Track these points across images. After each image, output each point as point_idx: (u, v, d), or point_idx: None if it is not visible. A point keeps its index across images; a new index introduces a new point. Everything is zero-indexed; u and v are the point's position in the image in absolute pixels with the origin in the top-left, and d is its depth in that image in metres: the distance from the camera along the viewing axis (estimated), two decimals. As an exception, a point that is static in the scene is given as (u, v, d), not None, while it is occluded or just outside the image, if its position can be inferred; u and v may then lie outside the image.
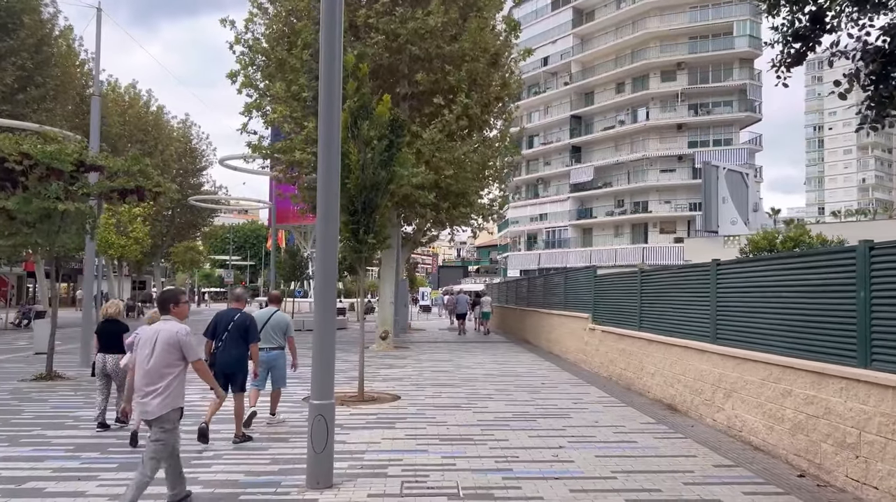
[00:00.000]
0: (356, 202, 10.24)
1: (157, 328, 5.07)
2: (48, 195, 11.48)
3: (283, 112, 17.40)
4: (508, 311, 27.88)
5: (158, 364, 4.94)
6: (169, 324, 5.09)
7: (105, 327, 8.48)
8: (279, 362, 8.42)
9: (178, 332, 5.02)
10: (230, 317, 7.62)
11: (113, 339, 8.32)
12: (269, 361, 8.29)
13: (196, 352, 5.10)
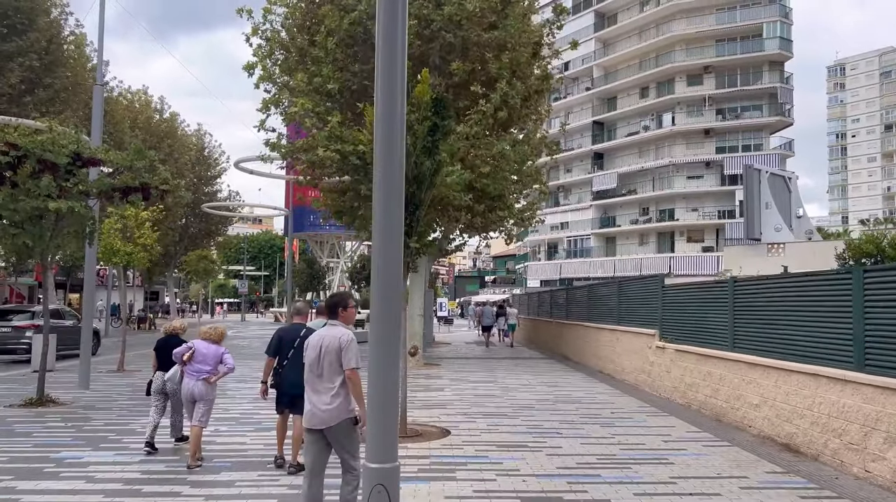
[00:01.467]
0: (398, 198, 8.55)
1: (322, 333, 4.98)
2: (38, 192, 9.87)
3: (304, 105, 15.78)
4: (540, 324, 26.08)
5: (326, 370, 4.85)
6: (335, 330, 4.95)
7: (166, 343, 7.97)
8: None
9: (340, 338, 4.87)
10: (295, 334, 6.89)
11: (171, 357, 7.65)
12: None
13: (354, 360, 4.82)
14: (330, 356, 4.83)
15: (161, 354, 7.97)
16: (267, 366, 7.05)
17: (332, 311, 5.11)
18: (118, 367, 16.34)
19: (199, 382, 7.11)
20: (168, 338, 8.12)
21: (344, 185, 18.63)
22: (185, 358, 7.14)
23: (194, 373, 7.09)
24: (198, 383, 7.10)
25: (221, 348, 7.34)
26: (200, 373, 7.09)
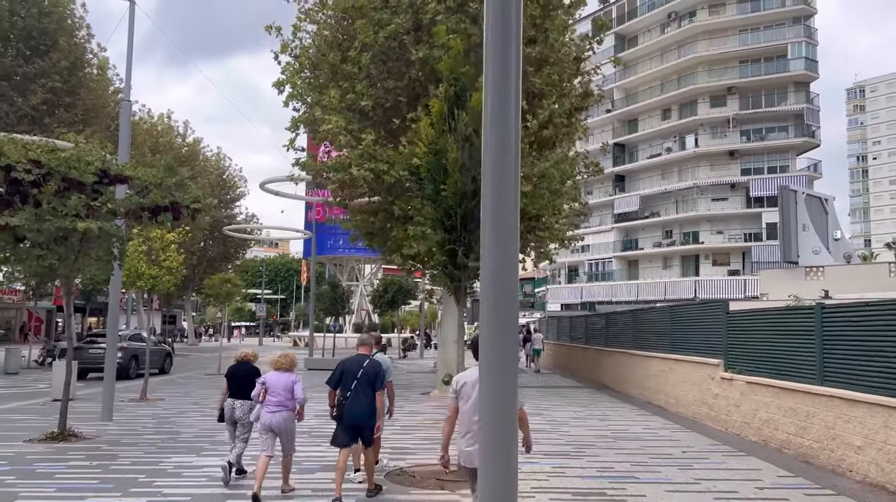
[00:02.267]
0: (454, 215, 7.80)
1: (474, 372, 4.80)
2: (65, 211, 9.21)
3: (338, 123, 15.17)
4: (573, 350, 25.12)
5: None
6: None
7: (237, 370, 7.91)
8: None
9: None
10: (358, 365, 6.86)
11: (245, 384, 7.62)
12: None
13: (522, 399, 4.54)
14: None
15: (232, 381, 7.87)
16: (329, 398, 6.95)
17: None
18: (141, 396, 15.59)
19: (277, 415, 6.98)
20: (239, 364, 8.03)
21: (375, 206, 17.97)
22: (262, 398, 7.08)
23: (271, 405, 7.02)
24: (275, 416, 6.98)
25: (293, 376, 7.22)
26: (277, 404, 7.01)
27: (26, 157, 9.08)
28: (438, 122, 7.77)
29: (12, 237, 9.11)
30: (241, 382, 7.69)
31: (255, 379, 7.48)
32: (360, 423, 6.76)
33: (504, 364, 3.39)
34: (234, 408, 7.71)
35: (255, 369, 7.85)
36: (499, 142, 3.50)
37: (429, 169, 7.80)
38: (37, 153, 9.15)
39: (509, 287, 3.49)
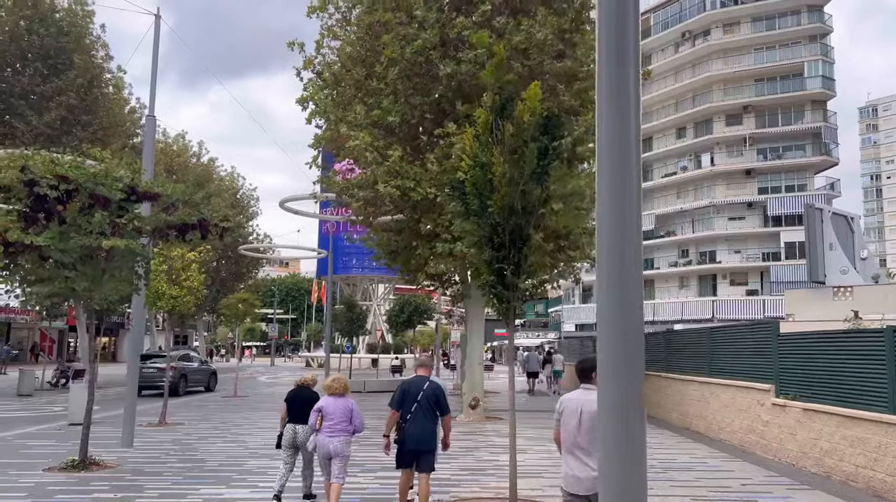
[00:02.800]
0: (501, 231, 7.34)
1: (580, 398, 4.87)
2: (90, 229, 8.83)
3: (365, 139, 14.81)
4: (597, 372, 24.48)
5: (590, 435, 4.67)
6: (593, 395, 4.67)
7: (298, 395, 7.89)
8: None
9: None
10: (419, 387, 6.84)
11: (307, 409, 7.51)
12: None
13: None
14: (592, 422, 4.63)
15: (292, 406, 7.81)
16: (390, 420, 6.84)
17: (586, 375, 5.01)
18: (160, 420, 15.12)
19: (335, 439, 6.96)
20: (299, 389, 8.01)
21: (399, 224, 17.57)
22: (318, 425, 7.06)
23: (328, 429, 7.00)
24: (332, 440, 6.96)
25: (350, 400, 7.25)
26: (333, 429, 6.99)
27: (53, 173, 8.72)
28: (484, 133, 7.35)
29: (38, 256, 8.72)
30: (303, 407, 7.61)
31: (313, 404, 7.40)
32: (419, 447, 6.69)
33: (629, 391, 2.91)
34: (296, 434, 7.67)
35: (315, 394, 7.83)
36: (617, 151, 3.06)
37: (474, 183, 7.37)
38: (64, 168, 8.79)
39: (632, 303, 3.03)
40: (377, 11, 15.91)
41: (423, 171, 15.30)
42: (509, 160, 7.29)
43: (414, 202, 15.66)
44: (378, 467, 9.70)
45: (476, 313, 17.59)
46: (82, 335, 37.73)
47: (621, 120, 3.08)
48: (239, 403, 20.85)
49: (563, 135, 7.57)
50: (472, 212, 7.49)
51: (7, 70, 27.70)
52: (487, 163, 7.23)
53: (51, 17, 27.82)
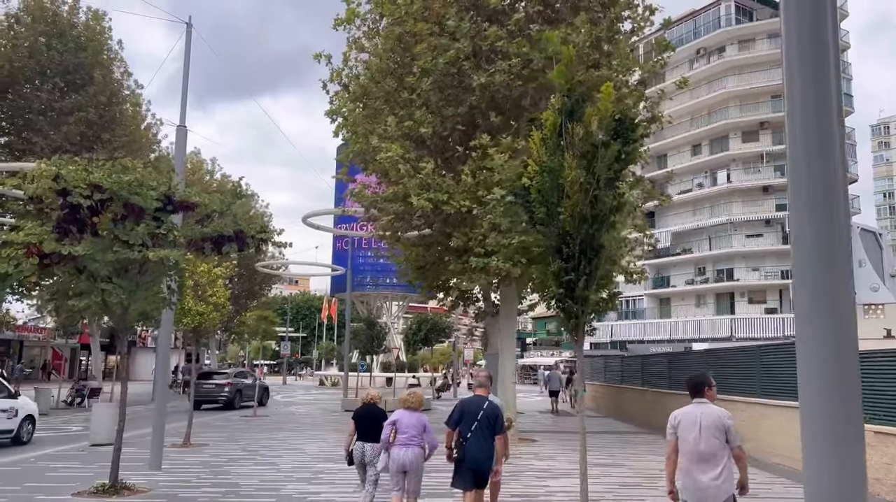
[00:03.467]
0: (571, 241, 6.86)
1: (697, 411, 5.13)
2: (132, 241, 8.41)
3: (396, 151, 14.42)
4: (623, 391, 23.86)
5: (710, 448, 4.95)
6: (710, 408, 5.15)
7: (366, 412, 7.88)
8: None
9: (721, 416, 5.09)
10: (478, 406, 6.79)
11: (374, 426, 7.57)
12: None
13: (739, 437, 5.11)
14: (711, 434, 4.96)
15: (361, 423, 7.79)
16: (448, 439, 6.78)
17: (699, 390, 5.35)
18: (184, 441, 14.60)
19: (409, 451, 7.00)
20: (366, 406, 8.00)
21: (429, 239, 17.13)
22: (392, 439, 7.08)
23: (401, 443, 7.04)
24: (407, 452, 6.99)
25: (423, 416, 7.33)
26: (407, 443, 7.03)
27: (86, 181, 8.31)
28: (551, 136, 6.92)
29: (74, 268, 8.29)
30: (371, 425, 7.64)
31: (382, 421, 7.41)
32: (480, 467, 6.67)
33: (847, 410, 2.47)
34: (364, 452, 7.67)
35: (382, 411, 7.82)
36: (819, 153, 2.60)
37: (539, 190, 6.92)
38: (98, 176, 8.38)
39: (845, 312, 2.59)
40: (407, 22, 15.60)
41: (456, 184, 14.90)
42: (580, 165, 6.84)
43: (445, 216, 15.25)
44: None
45: (507, 330, 17.07)
46: (96, 354, 37.39)
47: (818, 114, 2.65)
48: (260, 423, 20.33)
49: (637, 139, 7.12)
50: (538, 220, 7.02)
51: (26, 86, 27.58)
52: (557, 167, 6.77)
53: (69, 33, 27.73)
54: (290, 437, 16.54)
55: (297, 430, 18.37)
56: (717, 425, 5.01)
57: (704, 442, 4.97)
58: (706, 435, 4.97)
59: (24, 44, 26.71)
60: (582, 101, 7.05)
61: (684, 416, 5.16)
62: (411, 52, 15.90)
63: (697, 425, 5.02)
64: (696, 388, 5.33)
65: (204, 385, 24.39)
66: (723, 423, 5.04)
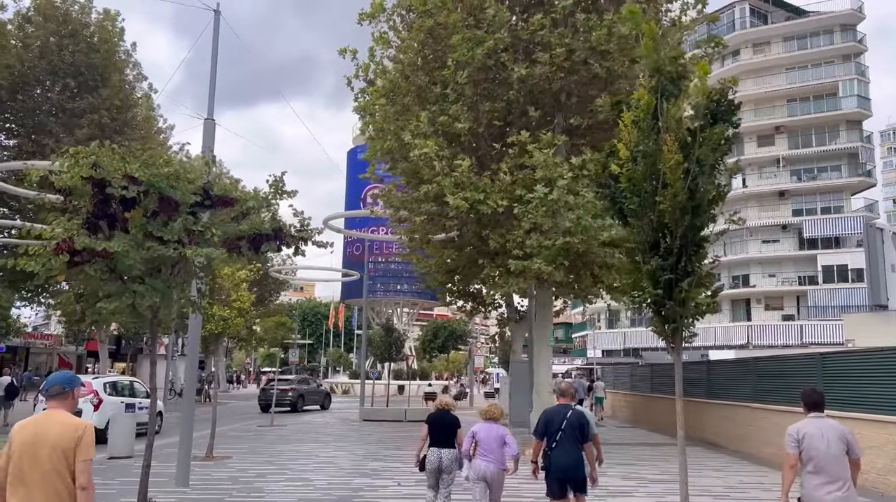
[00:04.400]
0: (670, 235, 6.11)
1: (820, 425, 5.27)
2: (167, 237, 7.66)
3: (432, 148, 13.70)
4: (651, 400, 23.05)
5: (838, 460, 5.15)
6: (830, 422, 5.34)
7: (441, 419, 7.74)
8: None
9: (842, 429, 5.31)
10: (562, 415, 6.81)
11: (449, 433, 7.62)
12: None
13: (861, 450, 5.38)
14: (838, 447, 5.14)
15: (436, 430, 7.70)
16: (535, 449, 6.93)
17: (819, 405, 5.48)
18: (207, 453, 13.83)
19: (491, 465, 7.00)
20: (440, 413, 7.86)
21: (462, 241, 16.39)
22: (473, 451, 7.11)
23: (484, 454, 7.04)
24: (489, 466, 7.00)
25: (503, 428, 7.30)
26: (489, 454, 7.03)
27: (122, 172, 7.58)
28: (645, 118, 6.18)
29: (106, 268, 7.53)
30: (446, 432, 7.60)
31: (456, 428, 7.55)
32: (567, 475, 6.68)
33: None
34: (440, 458, 7.56)
35: (455, 418, 7.73)
36: None
37: (631, 178, 6.18)
38: (134, 167, 7.64)
39: None
40: (439, 14, 14.91)
41: (492, 183, 14.17)
42: (680, 149, 6.09)
43: (480, 216, 14.51)
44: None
45: (541, 335, 16.28)
46: (104, 360, 36.64)
47: None
48: (279, 433, 19.54)
49: (737, 123, 6.39)
50: (632, 212, 6.26)
51: (36, 87, 26.95)
52: (654, 152, 6.02)
53: (81, 33, 27.10)
54: (316, 449, 15.75)
55: (321, 441, 17.58)
56: (841, 438, 5.21)
57: (833, 455, 5.14)
58: (834, 449, 5.15)
59: (34, 44, 26.08)
60: (677, 79, 6.28)
61: (809, 430, 5.26)
62: (444, 44, 15.21)
63: (825, 439, 5.17)
64: (817, 404, 5.48)
65: (271, 390, 26.68)
66: (846, 436, 5.24)
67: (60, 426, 3.77)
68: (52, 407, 3.93)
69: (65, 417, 3.86)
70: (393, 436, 18.73)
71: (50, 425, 3.77)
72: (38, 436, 3.72)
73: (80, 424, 3.84)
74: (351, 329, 79.99)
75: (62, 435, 3.72)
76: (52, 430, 3.74)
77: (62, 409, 3.93)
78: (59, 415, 3.86)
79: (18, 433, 3.80)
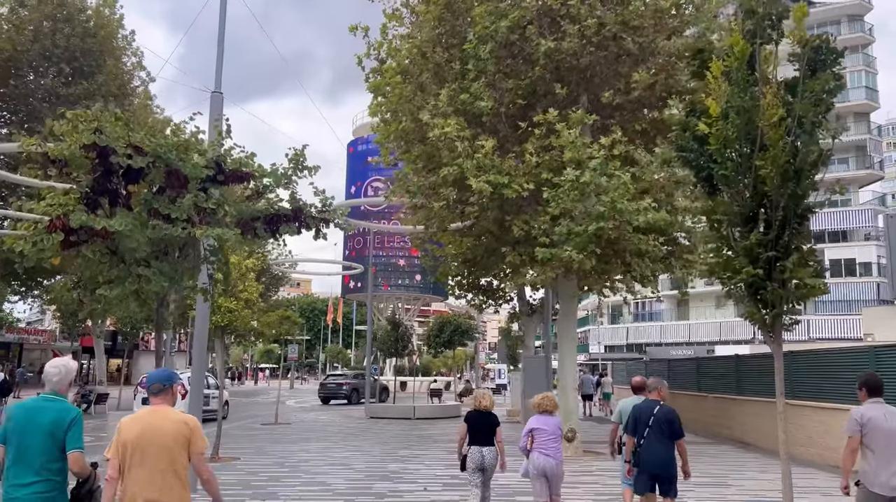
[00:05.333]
0: (771, 205, 5.22)
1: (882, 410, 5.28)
2: (175, 215, 6.74)
3: (454, 127, 12.78)
4: (675, 398, 22.17)
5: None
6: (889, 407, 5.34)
7: (481, 417, 7.53)
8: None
9: None
10: (649, 411, 6.64)
11: (489, 430, 7.44)
12: None
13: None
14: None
15: (474, 427, 7.47)
16: (628, 445, 6.82)
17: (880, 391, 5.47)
18: (213, 454, 12.91)
19: (552, 459, 6.93)
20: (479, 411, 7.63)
21: (480, 229, 15.49)
22: (529, 445, 7.07)
23: (542, 448, 6.98)
24: (549, 460, 6.93)
25: (558, 418, 7.33)
26: (548, 447, 6.97)
27: (126, 140, 6.65)
28: (740, 68, 5.29)
29: (106, 249, 6.60)
30: (486, 429, 7.42)
31: (496, 426, 7.41)
32: (656, 471, 6.58)
33: None
34: (483, 456, 7.36)
35: (495, 417, 7.54)
36: None
37: (721, 138, 5.29)
38: (139, 136, 6.72)
39: None
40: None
41: (515, 166, 13.26)
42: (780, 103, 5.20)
43: (502, 201, 13.61)
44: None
45: (567, 331, 15.38)
46: (100, 356, 35.67)
47: None
48: (285, 432, 18.64)
49: (842, 74, 5.52)
50: (723, 179, 5.37)
51: (29, 72, 25.91)
52: (751, 107, 5.13)
53: (77, 18, 26.04)
54: (328, 449, 14.86)
55: (330, 441, 16.69)
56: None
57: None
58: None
59: (28, 27, 25.02)
60: (778, 21, 5.39)
61: (873, 414, 5.25)
62: (463, 18, 14.30)
63: (889, 423, 5.18)
64: (878, 389, 5.47)
65: (328, 383, 31.29)
66: None
67: (170, 422, 3.93)
68: (156, 402, 4.08)
69: (171, 412, 4.01)
70: (405, 436, 17.85)
71: (159, 420, 3.93)
72: (149, 431, 3.88)
73: (189, 419, 4.05)
74: (350, 325, 79.03)
75: (174, 430, 3.90)
76: (163, 425, 3.90)
77: (165, 404, 4.09)
78: (165, 411, 4.01)
79: (128, 428, 3.91)
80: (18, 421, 4.08)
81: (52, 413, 4.08)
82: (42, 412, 4.09)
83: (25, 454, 3.99)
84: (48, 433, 4.01)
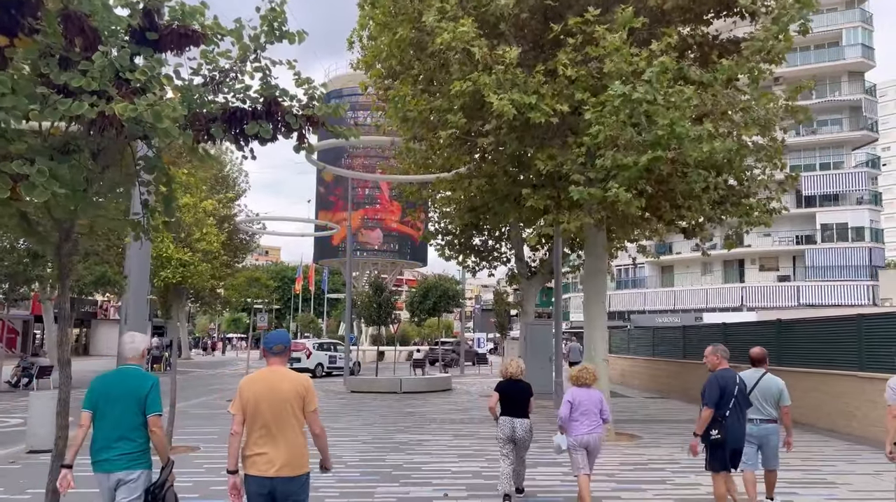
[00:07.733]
0: None
1: None
2: (77, 84, 4.05)
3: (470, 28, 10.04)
4: (687, 369, 20.10)
5: None
6: None
7: (512, 387, 7.30)
8: (773, 438, 6.86)
9: None
10: (733, 381, 6.25)
11: (522, 400, 7.23)
12: (761, 436, 6.81)
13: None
14: None
15: (507, 397, 7.26)
16: (705, 419, 6.17)
17: None
18: (165, 444, 10.23)
19: (594, 434, 6.63)
20: (511, 380, 7.36)
21: (490, 168, 12.86)
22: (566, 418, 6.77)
23: (584, 423, 6.62)
24: (591, 435, 6.62)
25: (598, 392, 6.94)
26: (591, 422, 6.63)
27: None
28: None
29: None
30: (519, 399, 7.25)
31: (529, 396, 7.28)
32: (739, 445, 6.27)
33: None
34: (514, 428, 7.15)
35: (528, 385, 7.38)
36: None
37: None
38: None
39: None
40: None
41: (543, 84, 10.58)
42: None
43: (524, 129, 10.99)
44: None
45: (594, 292, 12.92)
46: (49, 324, 32.30)
47: None
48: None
49: None
50: None
51: None
52: None
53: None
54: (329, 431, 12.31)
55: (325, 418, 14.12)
56: None
57: None
58: None
59: None
60: None
61: None
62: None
63: None
64: None
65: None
66: None
67: (288, 381, 4.23)
68: (275, 362, 4.35)
69: (288, 373, 4.31)
70: (395, 414, 15.37)
71: (279, 380, 4.23)
72: (272, 389, 4.17)
73: (304, 378, 4.37)
74: (321, 293, 76.23)
75: (293, 389, 4.20)
76: (283, 384, 4.20)
77: (282, 365, 4.37)
78: (283, 371, 4.31)
79: (249, 386, 4.24)
80: (103, 390, 4.44)
81: (132, 379, 4.46)
82: (123, 381, 4.47)
83: (110, 419, 4.35)
84: (130, 398, 4.36)
